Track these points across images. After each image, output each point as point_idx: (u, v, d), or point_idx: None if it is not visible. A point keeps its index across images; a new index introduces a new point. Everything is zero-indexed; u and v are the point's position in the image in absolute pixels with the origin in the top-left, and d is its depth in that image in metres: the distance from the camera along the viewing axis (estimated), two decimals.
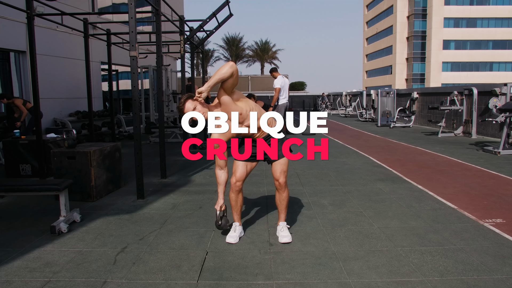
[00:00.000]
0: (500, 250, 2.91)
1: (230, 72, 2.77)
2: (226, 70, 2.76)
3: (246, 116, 2.95)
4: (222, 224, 3.19)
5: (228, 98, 2.88)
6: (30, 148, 5.82)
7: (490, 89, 9.35)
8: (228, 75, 2.77)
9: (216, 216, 3.19)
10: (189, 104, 2.88)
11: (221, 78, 2.77)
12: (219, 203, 3.18)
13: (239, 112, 2.91)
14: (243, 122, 2.95)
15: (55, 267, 2.73)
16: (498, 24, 50.79)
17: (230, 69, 2.77)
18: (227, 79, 2.79)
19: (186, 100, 2.90)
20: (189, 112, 2.86)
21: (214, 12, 7.62)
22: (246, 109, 2.95)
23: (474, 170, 5.87)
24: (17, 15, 7.35)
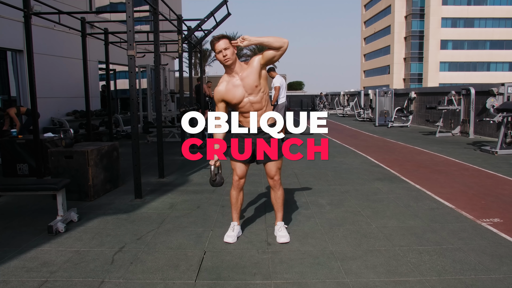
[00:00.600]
0: (497, 250, 2.92)
1: (280, 43, 2.80)
2: (277, 39, 2.80)
3: (258, 92, 2.94)
4: (217, 180, 3.05)
5: (259, 67, 2.90)
6: (28, 148, 5.80)
7: (487, 89, 9.38)
8: (277, 44, 2.80)
9: (211, 172, 3.04)
10: (223, 43, 2.85)
11: (269, 42, 2.80)
12: (214, 158, 3.03)
13: (256, 84, 2.91)
14: (250, 94, 2.93)
15: (53, 267, 2.72)
16: (496, 24, 50.95)
17: (281, 40, 2.80)
18: (274, 48, 2.81)
19: (223, 37, 2.88)
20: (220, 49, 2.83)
21: (212, 11, 7.62)
22: (263, 88, 2.96)
23: (471, 169, 5.88)
24: (14, 13, 7.31)
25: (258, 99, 2.95)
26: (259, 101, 2.96)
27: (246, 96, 2.93)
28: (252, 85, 2.91)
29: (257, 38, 2.82)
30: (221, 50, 2.85)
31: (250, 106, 2.96)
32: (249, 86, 2.91)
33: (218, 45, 2.85)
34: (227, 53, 2.85)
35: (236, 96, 2.92)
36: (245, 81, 2.91)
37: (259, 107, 2.97)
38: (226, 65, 2.90)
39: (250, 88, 2.91)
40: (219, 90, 2.98)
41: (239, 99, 2.93)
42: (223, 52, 2.85)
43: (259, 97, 2.95)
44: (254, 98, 2.94)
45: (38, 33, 7.73)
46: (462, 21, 51.09)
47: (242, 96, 2.93)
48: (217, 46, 2.85)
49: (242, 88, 2.92)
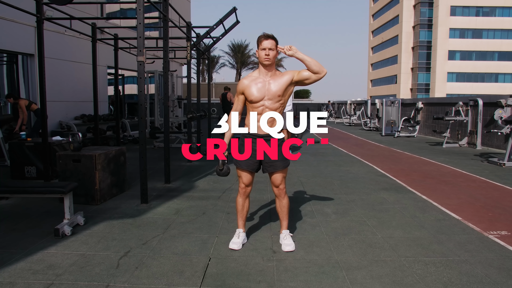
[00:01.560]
0: (505, 263, 2.89)
1: (319, 68, 2.86)
2: (319, 65, 2.86)
3: (277, 101, 2.97)
4: (224, 170, 3.05)
5: (288, 81, 2.96)
6: (36, 150, 5.86)
7: (495, 100, 9.31)
8: (316, 69, 2.86)
9: (219, 161, 3.04)
10: (270, 44, 2.91)
11: (310, 63, 2.86)
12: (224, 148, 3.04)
13: (279, 94, 2.96)
14: (269, 99, 2.96)
15: (58, 269, 2.74)
16: (504, 35, 50.78)
17: (321, 67, 2.87)
18: (311, 71, 2.87)
19: (272, 38, 2.93)
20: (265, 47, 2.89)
21: (221, 19, 7.67)
22: (284, 100, 3.01)
23: (478, 181, 5.84)
24: (27, 18, 7.44)
25: (274, 107, 2.98)
26: (273, 109, 2.99)
27: (265, 99, 2.97)
28: (275, 93, 2.96)
29: (302, 55, 2.89)
30: (265, 48, 2.91)
31: (262, 110, 2.98)
32: (272, 92, 2.95)
33: (265, 42, 2.91)
34: (269, 53, 2.91)
35: (255, 94, 2.97)
36: (271, 86, 2.96)
37: (273, 116, 2.99)
38: (263, 64, 2.95)
39: (272, 94, 2.95)
40: (243, 82, 3.03)
41: (257, 98, 2.97)
42: (267, 51, 2.91)
43: (275, 107, 2.99)
44: (270, 105, 2.97)
45: (49, 38, 7.84)
46: (470, 32, 50.98)
47: (261, 97, 2.96)
48: (264, 43, 2.92)
49: (265, 91, 2.96)
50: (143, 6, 4.37)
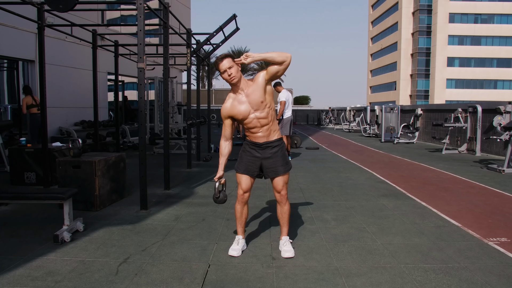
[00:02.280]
0: (505, 270, 2.89)
1: (283, 57, 2.82)
2: (280, 54, 2.82)
3: (264, 107, 2.96)
4: (220, 198, 3.10)
5: (263, 83, 2.93)
6: (36, 156, 5.86)
7: (494, 107, 9.36)
8: (280, 59, 2.82)
9: (215, 188, 3.10)
10: (227, 62, 2.88)
11: (272, 58, 2.83)
12: (218, 174, 3.11)
13: (262, 100, 2.94)
14: (256, 110, 2.96)
15: (57, 276, 2.73)
16: (503, 42, 51.06)
17: (283, 55, 2.83)
18: (276, 63, 2.84)
19: (226, 56, 2.91)
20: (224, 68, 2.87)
21: (221, 26, 7.71)
22: (268, 103, 2.99)
23: (478, 188, 5.84)
24: (28, 25, 7.48)
25: (264, 114, 2.99)
26: (265, 117, 2.99)
27: (252, 112, 2.97)
28: (257, 101, 2.95)
29: (260, 55, 2.85)
30: (225, 70, 2.89)
31: (256, 122, 2.99)
32: (255, 102, 2.95)
33: (222, 64, 2.89)
34: (231, 72, 2.89)
35: (242, 112, 2.97)
36: (251, 97, 2.95)
37: (265, 122, 3.01)
38: (232, 84, 2.94)
39: (256, 104, 2.95)
40: (225, 107, 3.03)
41: (245, 115, 2.97)
42: (228, 71, 2.89)
43: (265, 113, 2.99)
44: (260, 114, 2.98)
45: (50, 44, 7.87)
46: (469, 39, 51.26)
47: (248, 112, 2.97)
48: (221, 66, 2.89)
49: (248, 104, 2.96)
50: (143, 13, 4.40)
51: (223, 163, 3.13)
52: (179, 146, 10.39)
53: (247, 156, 3.10)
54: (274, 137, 3.06)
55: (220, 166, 3.13)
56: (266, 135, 3.03)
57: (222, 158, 3.14)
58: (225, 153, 3.14)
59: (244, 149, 3.14)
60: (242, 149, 3.17)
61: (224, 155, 3.14)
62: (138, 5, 4.37)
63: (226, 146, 3.14)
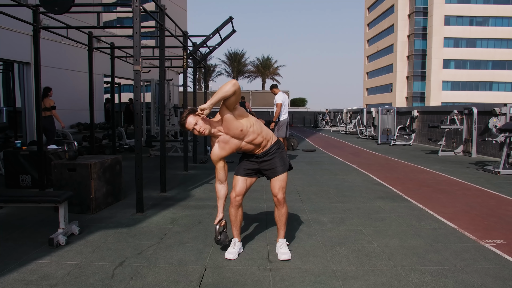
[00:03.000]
0: (501, 272, 2.89)
1: (232, 90, 2.79)
2: (228, 88, 2.78)
3: (247, 132, 2.98)
4: (221, 240, 3.19)
5: (230, 115, 2.91)
6: (31, 159, 5.83)
7: (490, 109, 9.41)
8: (231, 93, 2.79)
9: (216, 231, 3.19)
10: (191, 119, 2.88)
11: (223, 96, 2.79)
12: (218, 218, 3.19)
13: (240, 129, 2.94)
14: (243, 138, 2.99)
15: (52, 280, 2.71)
16: (498, 44, 51.39)
17: (232, 87, 2.79)
18: (229, 97, 2.81)
19: (188, 115, 2.89)
20: (191, 127, 2.88)
21: (218, 28, 7.73)
22: (247, 125, 2.98)
23: (474, 189, 5.86)
24: (23, 27, 7.45)
25: (254, 135, 3.01)
26: (255, 137, 3.02)
27: (242, 141, 3.01)
28: (238, 131, 2.95)
29: (212, 100, 2.78)
30: (193, 128, 2.87)
31: (251, 145, 3.04)
32: (237, 133, 2.96)
33: (187, 125, 2.87)
34: (199, 127, 2.87)
35: (234, 147, 3.01)
36: (231, 132, 2.96)
37: (259, 141, 3.04)
38: (207, 135, 2.95)
39: (239, 134, 2.96)
40: (215, 153, 3.04)
41: (238, 147, 3.02)
42: (196, 128, 2.87)
43: (254, 134, 3.00)
44: (249, 137, 3.00)
45: (46, 46, 7.85)
46: (464, 41, 51.55)
47: (239, 144, 3.01)
48: (187, 125, 2.87)
49: (233, 139, 2.98)
50: (139, 15, 4.39)
51: (221, 206, 3.19)
52: (175, 148, 10.37)
53: (247, 162, 3.18)
54: (269, 145, 3.12)
55: (219, 209, 3.19)
56: (263, 146, 3.10)
57: (220, 201, 3.19)
58: (222, 195, 3.19)
59: (244, 157, 3.22)
60: (242, 156, 3.24)
61: (221, 197, 3.19)
62: (134, 7, 4.36)
63: (222, 189, 3.18)
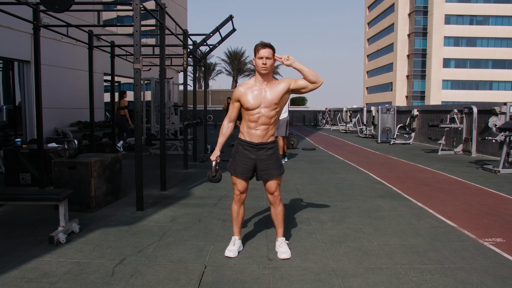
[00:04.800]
0: (500, 270, 2.90)
1: (316, 78, 2.89)
2: (315, 75, 2.89)
3: (273, 109, 2.99)
4: (217, 176, 3.12)
5: (287, 88, 2.97)
6: (31, 157, 5.83)
7: (490, 108, 9.41)
8: (312, 78, 2.88)
9: (211, 167, 3.11)
10: (268, 52, 2.91)
11: (307, 73, 2.88)
12: (215, 154, 3.12)
13: (275, 102, 2.97)
14: (265, 106, 2.97)
15: (53, 277, 2.71)
16: (498, 44, 51.38)
17: (318, 77, 2.90)
18: (308, 80, 2.89)
19: (269, 47, 2.93)
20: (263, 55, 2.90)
21: (218, 26, 7.72)
22: (279, 107, 3.03)
23: (474, 188, 5.87)
24: (23, 25, 7.45)
25: (270, 115, 3.00)
26: (269, 117, 3.01)
27: (262, 107, 2.98)
28: (271, 101, 2.97)
29: (300, 65, 2.90)
30: (263, 57, 2.91)
31: (258, 118, 3.00)
32: (268, 100, 2.97)
33: (263, 51, 2.91)
34: (267, 62, 2.92)
35: (251, 102, 2.98)
36: (268, 94, 2.98)
37: (267, 122, 3.01)
38: (260, 73, 2.96)
39: (268, 102, 2.97)
40: (239, 90, 3.04)
41: (253, 106, 2.98)
42: (264, 60, 2.91)
43: (271, 114, 3.00)
44: (266, 112, 2.99)
45: (46, 45, 7.84)
46: (465, 40, 51.54)
47: (257, 105, 2.98)
48: (261, 52, 2.91)
49: (261, 99, 2.98)
50: (139, 14, 4.39)
51: (221, 143, 3.14)
52: (175, 147, 10.37)
53: (241, 158, 3.08)
54: (269, 140, 3.08)
55: (218, 145, 3.15)
56: (263, 135, 3.03)
57: (222, 137, 3.15)
58: (225, 133, 3.16)
59: (237, 150, 3.12)
60: (235, 149, 3.14)
61: (224, 135, 3.15)
62: (134, 5, 4.36)
63: (228, 127, 3.16)
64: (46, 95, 7.06)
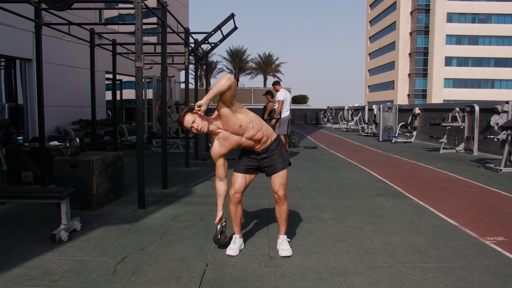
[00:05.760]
0: (501, 269, 2.90)
1: (227, 84, 2.76)
2: (223, 83, 2.75)
3: (246, 128, 2.96)
4: (221, 240, 3.22)
5: (228, 110, 2.88)
6: (33, 155, 5.84)
7: (491, 107, 9.37)
8: (226, 87, 2.76)
9: (216, 230, 3.21)
10: (188, 117, 2.87)
11: (219, 91, 2.77)
12: (218, 216, 3.20)
13: (239, 124, 2.93)
14: (243, 134, 2.98)
15: (55, 275, 2.72)
16: (500, 42, 51.19)
17: (227, 81, 2.76)
18: (225, 91, 2.78)
19: (186, 113, 2.89)
20: (189, 126, 2.88)
21: (219, 25, 7.71)
22: (246, 120, 2.96)
23: (475, 187, 5.86)
24: (25, 23, 7.46)
25: (254, 131, 2.99)
26: (256, 132, 3.00)
27: (242, 137, 2.99)
28: (237, 127, 2.93)
29: (208, 95, 2.78)
30: (191, 126, 2.87)
31: (251, 141, 3.03)
32: (236, 129, 2.94)
33: (185, 123, 2.87)
34: (197, 124, 2.87)
35: (234, 144, 3.00)
36: (231, 129, 2.94)
37: (259, 136, 3.03)
38: (204, 132, 2.94)
39: (238, 130, 2.95)
40: (215, 150, 3.04)
41: (238, 144, 3.01)
42: (194, 126, 2.87)
43: (254, 130, 2.99)
44: (249, 133, 2.98)
45: (47, 43, 7.84)
46: (467, 39, 51.37)
47: (239, 140, 2.99)
48: (185, 124, 2.88)
49: (233, 135, 2.97)
50: (141, 12, 4.39)
51: (221, 204, 3.20)
52: (177, 145, 10.38)
53: (247, 158, 3.16)
54: (269, 142, 3.11)
55: (219, 206, 3.20)
56: (264, 142, 3.09)
57: (220, 198, 3.19)
58: (222, 193, 3.19)
59: (243, 154, 3.20)
60: (241, 153, 3.22)
61: (221, 195, 3.19)
62: (136, 4, 4.36)
63: (221, 186, 3.18)
64: (48, 93, 7.07)
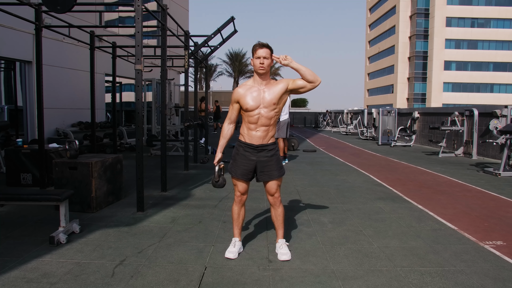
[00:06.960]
0: (500, 273, 2.90)
1: (313, 77, 2.91)
2: (313, 74, 2.91)
3: (272, 109, 2.99)
4: (220, 182, 3.14)
5: (284, 88, 2.99)
6: (32, 157, 5.84)
7: (490, 111, 9.40)
8: (310, 78, 2.91)
9: (215, 173, 3.13)
10: (265, 52, 2.93)
11: (305, 73, 2.91)
12: (217, 157, 3.14)
13: (274, 102, 2.98)
14: (266, 107, 2.98)
15: (53, 278, 2.72)
16: (499, 46, 51.35)
17: (315, 76, 2.92)
18: (305, 79, 2.92)
19: (267, 47, 2.95)
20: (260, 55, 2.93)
21: (219, 28, 7.72)
22: (277, 108, 3.02)
23: (474, 191, 5.86)
24: (25, 26, 7.46)
25: (269, 115, 3.00)
26: (269, 118, 3.01)
27: (261, 107, 2.99)
28: (270, 101, 2.98)
29: (297, 64, 2.93)
30: (260, 57, 2.93)
31: (258, 119, 3.00)
32: (267, 101, 2.97)
33: (260, 51, 2.94)
34: (264, 62, 2.94)
35: (251, 103, 2.98)
36: (266, 95, 2.98)
37: (266, 123, 3.01)
38: (258, 73, 2.97)
39: (267, 103, 2.97)
40: (238, 91, 3.05)
41: (252, 107, 2.98)
42: (261, 60, 2.93)
43: (271, 115, 3.01)
44: (265, 113, 2.99)
45: (47, 45, 7.85)
46: (466, 43, 51.53)
47: (256, 106, 2.98)
48: (259, 52, 2.94)
49: (260, 99, 2.98)
50: (141, 15, 4.40)
51: (222, 146, 3.15)
52: (176, 148, 10.38)
53: (242, 160, 3.08)
54: (269, 141, 3.08)
55: (219, 148, 3.15)
56: (263, 137, 3.03)
57: (223, 140, 3.16)
58: (226, 135, 3.16)
59: (238, 152, 3.12)
60: (235, 151, 3.14)
61: (225, 137, 3.16)
62: (136, 7, 4.37)
63: (229, 129, 3.16)
64: (47, 96, 7.07)
